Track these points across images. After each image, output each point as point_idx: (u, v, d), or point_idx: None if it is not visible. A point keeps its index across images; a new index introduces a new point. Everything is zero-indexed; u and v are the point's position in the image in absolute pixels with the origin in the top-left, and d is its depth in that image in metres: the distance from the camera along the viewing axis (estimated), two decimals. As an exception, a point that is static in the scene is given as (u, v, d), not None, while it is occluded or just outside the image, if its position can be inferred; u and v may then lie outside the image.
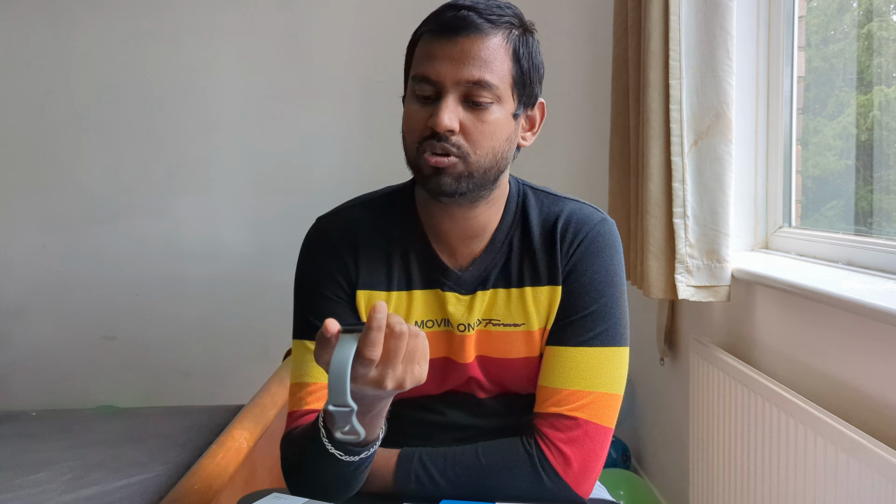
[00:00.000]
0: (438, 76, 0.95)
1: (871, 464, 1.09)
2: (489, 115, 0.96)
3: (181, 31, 2.77)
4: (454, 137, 0.95)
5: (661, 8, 1.76)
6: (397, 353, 0.79)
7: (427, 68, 0.96)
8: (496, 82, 0.96)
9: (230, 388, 2.60)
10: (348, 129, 2.80)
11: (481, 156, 0.97)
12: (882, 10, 1.65)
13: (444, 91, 0.95)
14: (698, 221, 1.75)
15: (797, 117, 1.85)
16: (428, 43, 0.97)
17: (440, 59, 0.95)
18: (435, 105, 0.96)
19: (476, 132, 0.96)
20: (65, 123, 2.80)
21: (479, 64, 0.94)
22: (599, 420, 1.01)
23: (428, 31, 0.98)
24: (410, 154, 1.00)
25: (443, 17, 0.96)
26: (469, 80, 0.94)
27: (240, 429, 1.63)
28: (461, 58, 0.94)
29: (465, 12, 0.95)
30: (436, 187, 0.97)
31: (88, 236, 2.83)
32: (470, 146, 0.96)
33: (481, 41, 0.95)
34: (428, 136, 0.96)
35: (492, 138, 0.97)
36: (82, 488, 1.66)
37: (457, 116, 0.95)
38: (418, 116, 0.97)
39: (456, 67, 0.94)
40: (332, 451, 0.89)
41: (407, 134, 1.00)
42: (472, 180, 0.98)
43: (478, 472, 1.00)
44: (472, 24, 0.95)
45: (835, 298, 1.26)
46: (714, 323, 1.93)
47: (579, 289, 1.04)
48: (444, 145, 0.95)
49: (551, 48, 2.67)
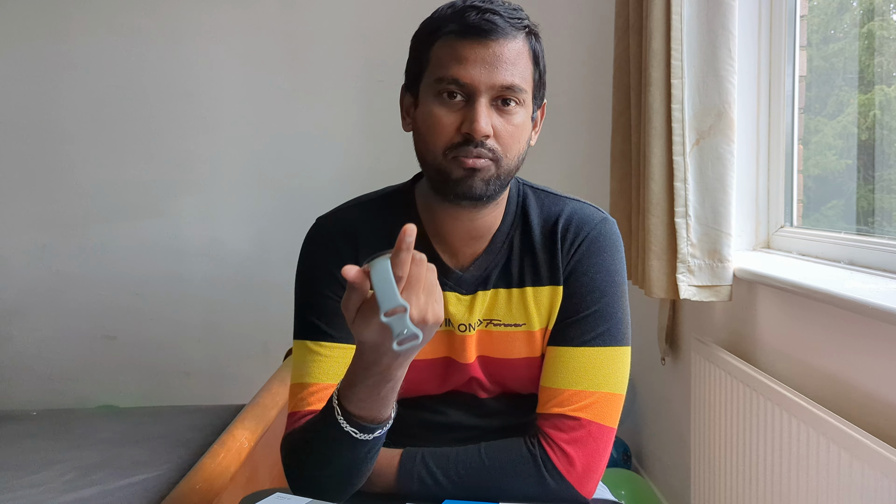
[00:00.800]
0: (472, 80, 0.94)
1: (873, 463, 1.09)
2: (517, 118, 0.97)
3: (181, 31, 2.77)
4: (489, 142, 0.95)
5: (662, 7, 1.76)
6: (419, 280, 0.78)
7: (458, 71, 0.95)
8: (524, 86, 0.97)
9: (231, 388, 2.60)
10: (348, 129, 2.80)
11: (511, 159, 0.98)
12: (882, 9, 1.64)
13: (477, 95, 0.95)
14: (700, 221, 1.74)
15: (798, 116, 1.85)
16: (454, 44, 0.96)
17: (472, 62, 0.94)
18: (464, 109, 0.95)
19: (507, 136, 0.97)
20: (64, 123, 2.80)
21: (510, 68, 0.95)
22: (602, 420, 1.01)
23: (452, 31, 0.96)
24: (434, 158, 0.98)
25: (467, 18, 0.95)
26: (502, 85, 0.94)
27: (241, 428, 1.63)
28: (494, 62, 0.94)
29: (490, 15, 0.94)
30: (466, 191, 0.97)
31: (88, 236, 2.83)
32: (502, 149, 0.97)
33: (510, 45, 0.95)
34: (460, 141, 0.95)
35: (519, 141, 0.99)
36: (83, 488, 1.65)
37: (490, 121, 0.95)
38: (447, 121, 0.96)
39: (489, 71, 0.94)
40: (348, 429, 0.88)
41: (431, 137, 0.98)
42: (499, 182, 0.98)
43: (481, 473, 1.00)
44: (500, 27, 0.94)
45: (836, 298, 1.26)
46: (715, 322, 1.93)
47: (581, 289, 1.04)
48: (480, 150, 0.95)
49: (553, 48, 2.67)
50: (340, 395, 0.89)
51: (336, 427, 0.89)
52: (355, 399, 0.88)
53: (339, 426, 0.89)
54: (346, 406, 0.89)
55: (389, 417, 0.91)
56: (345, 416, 0.89)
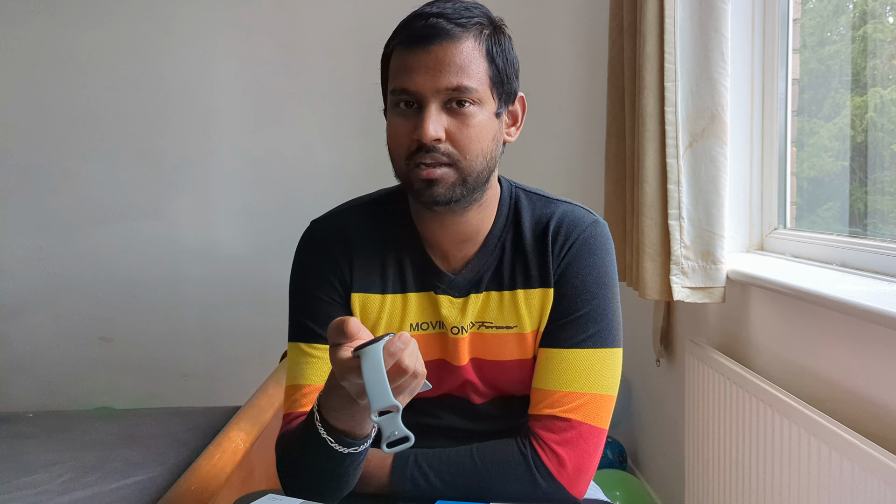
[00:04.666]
0: (417, 87, 0.95)
1: (865, 465, 1.10)
2: (472, 118, 0.97)
3: (178, 33, 2.78)
4: (442, 146, 0.96)
5: (656, 10, 1.77)
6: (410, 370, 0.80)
7: (404, 81, 0.96)
8: (475, 85, 0.96)
9: (227, 390, 2.60)
10: (344, 131, 2.80)
11: (471, 160, 0.97)
12: (877, 12, 1.65)
13: (425, 101, 0.95)
14: (693, 223, 1.75)
15: (792, 119, 1.86)
16: (401, 55, 0.97)
17: (416, 70, 0.95)
18: (417, 116, 0.96)
19: (463, 137, 0.96)
20: (61, 125, 2.80)
21: (455, 70, 0.95)
22: (593, 421, 1.01)
23: (399, 42, 0.98)
24: (399, 167, 1.00)
25: (412, 27, 0.96)
26: (448, 88, 0.95)
27: (236, 430, 1.63)
28: (437, 66, 0.94)
29: (433, 20, 0.95)
30: (430, 198, 0.98)
31: (85, 238, 2.83)
32: (459, 152, 0.97)
33: (454, 47, 0.95)
34: (415, 149, 0.96)
35: (479, 140, 0.98)
36: (79, 490, 1.66)
37: (441, 125, 0.95)
38: (402, 130, 0.97)
39: (433, 77, 0.94)
40: (325, 436, 0.89)
41: (393, 147, 0.99)
42: (465, 186, 0.98)
43: (473, 473, 1.00)
44: (443, 30, 0.95)
45: (829, 300, 1.26)
46: (709, 324, 1.93)
47: (571, 291, 1.04)
48: (433, 155, 0.95)
49: (548, 51, 2.70)
50: (320, 404, 0.91)
51: (317, 435, 0.90)
52: (332, 411, 0.89)
53: (319, 434, 0.90)
54: (325, 416, 0.90)
55: (367, 435, 0.92)
56: (324, 426, 0.90)
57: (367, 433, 0.92)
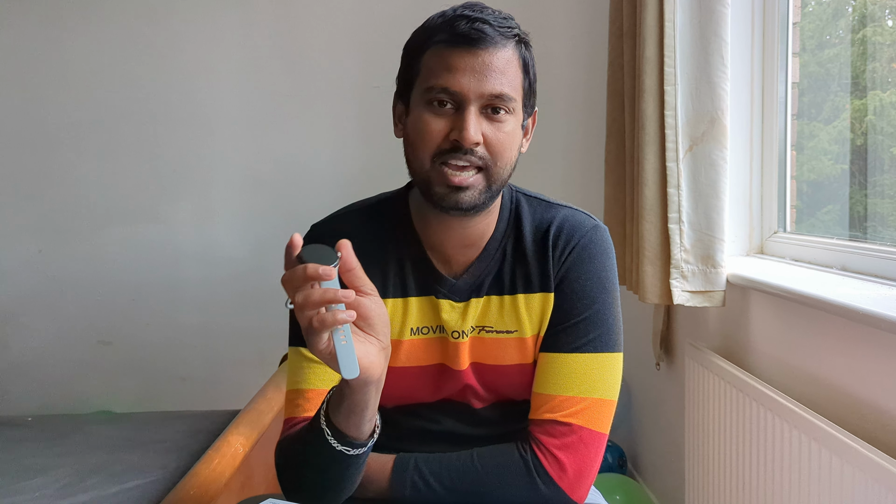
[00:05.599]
0: (462, 88, 0.95)
1: (865, 469, 1.10)
2: (507, 126, 0.98)
3: (177, 37, 2.78)
4: (479, 149, 0.96)
5: (655, 14, 1.77)
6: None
7: (448, 80, 0.95)
8: (514, 95, 0.97)
9: (226, 393, 2.60)
10: (345, 134, 2.80)
11: (501, 167, 0.98)
12: (876, 15, 1.65)
13: (467, 103, 0.95)
14: (693, 227, 1.75)
15: (791, 123, 1.86)
16: (443, 53, 0.97)
17: (461, 71, 0.95)
18: (454, 117, 0.96)
19: (498, 144, 0.97)
20: (60, 128, 2.80)
21: (499, 77, 0.95)
22: (594, 426, 1.01)
23: (442, 40, 0.97)
24: (421, 165, 0.99)
25: (457, 27, 0.96)
26: (492, 94, 0.95)
27: (236, 434, 1.63)
28: (483, 70, 0.95)
29: (480, 24, 0.95)
30: (453, 203, 0.98)
31: (84, 241, 2.83)
32: (492, 157, 0.97)
33: (500, 53, 0.96)
34: (448, 148, 0.96)
35: (510, 149, 0.99)
36: (78, 494, 1.65)
37: (479, 129, 0.96)
38: (436, 128, 0.97)
39: (479, 80, 0.95)
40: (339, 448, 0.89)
41: (420, 144, 0.98)
42: (489, 192, 0.99)
43: (473, 478, 1.00)
44: (489, 36, 0.95)
45: (829, 304, 1.26)
46: (709, 328, 1.93)
47: (572, 295, 1.04)
48: (469, 157, 0.96)
49: (548, 54, 2.70)
50: (330, 404, 0.91)
51: (321, 437, 0.90)
52: (341, 412, 0.89)
53: (324, 436, 0.90)
54: (332, 418, 0.90)
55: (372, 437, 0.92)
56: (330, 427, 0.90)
57: (370, 435, 0.92)
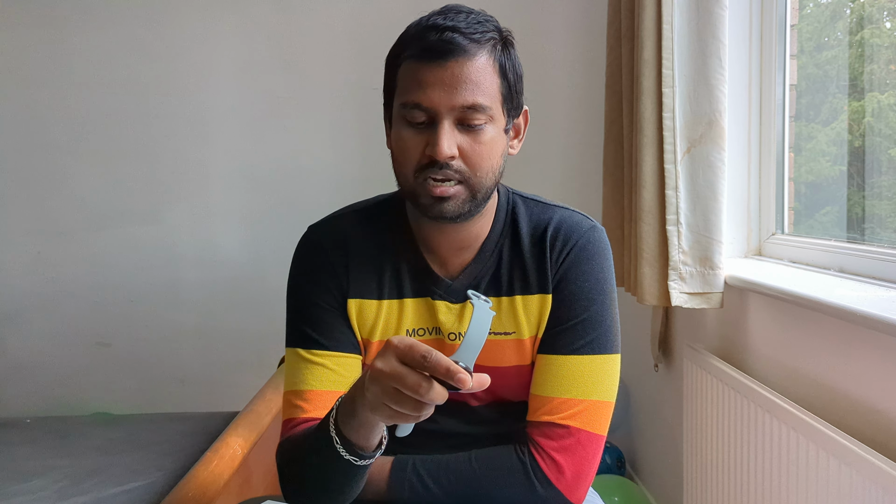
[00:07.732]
0: (432, 103, 0.93)
1: (863, 471, 1.10)
2: (484, 135, 0.96)
3: (176, 39, 2.78)
4: (455, 163, 0.95)
5: (653, 16, 1.77)
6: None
7: (418, 95, 0.94)
8: (489, 103, 0.95)
9: (225, 395, 2.60)
10: (342, 137, 2.80)
11: (482, 177, 0.97)
12: (875, 17, 1.65)
13: (440, 117, 0.94)
14: (691, 229, 1.75)
15: (790, 125, 1.86)
16: (414, 67, 0.95)
17: (431, 86, 0.93)
18: (429, 131, 0.95)
19: (475, 155, 0.96)
20: (59, 130, 2.80)
21: (471, 87, 0.93)
22: (591, 428, 1.01)
23: (412, 55, 0.95)
24: (406, 181, 0.98)
25: (426, 40, 0.94)
26: (463, 105, 0.93)
27: (234, 436, 1.63)
28: (453, 83, 0.93)
29: (448, 34, 0.93)
30: (438, 214, 0.97)
31: (83, 243, 2.83)
32: (470, 169, 0.96)
33: (470, 63, 0.94)
34: (426, 163, 0.95)
35: (490, 158, 0.97)
36: (76, 496, 1.65)
37: (455, 142, 0.94)
38: (413, 144, 0.96)
39: (449, 93, 0.93)
40: (346, 456, 0.88)
41: (401, 161, 0.98)
42: (474, 201, 0.98)
43: (471, 480, 1.00)
44: (459, 46, 0.93)
45: (826, 305, 1.26)
46: (707, 329, 1.93)
47: (569, 297, 1.04)
48: (445, 171, 0.94)
49: (546, 56, 2.70)
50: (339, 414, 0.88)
51: (330, 446, 0.88)
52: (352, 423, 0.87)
53: (333, 445, 0.88)
54: (342, 428, 0.88)
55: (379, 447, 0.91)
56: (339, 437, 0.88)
57: (377, 445, 0.90)
